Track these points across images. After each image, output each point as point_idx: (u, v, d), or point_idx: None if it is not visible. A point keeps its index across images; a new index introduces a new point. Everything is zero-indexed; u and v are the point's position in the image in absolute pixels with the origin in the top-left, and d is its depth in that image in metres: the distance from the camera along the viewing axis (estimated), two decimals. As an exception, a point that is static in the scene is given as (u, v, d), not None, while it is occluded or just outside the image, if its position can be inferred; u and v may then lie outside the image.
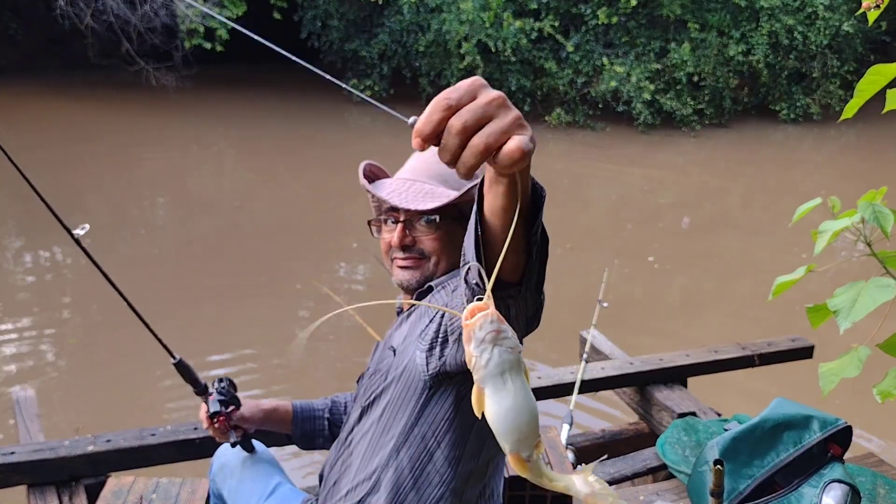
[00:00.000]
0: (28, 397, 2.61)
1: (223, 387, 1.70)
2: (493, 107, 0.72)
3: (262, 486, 1.73)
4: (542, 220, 0.95)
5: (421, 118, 0.72)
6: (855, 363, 1.36)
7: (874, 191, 1.37)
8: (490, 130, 0.71)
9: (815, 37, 11.34)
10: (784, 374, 3.49)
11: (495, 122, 0.72)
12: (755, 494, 2.11)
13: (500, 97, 0.73)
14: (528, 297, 1.04)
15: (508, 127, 0.72)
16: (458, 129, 0.70)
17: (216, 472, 1.87)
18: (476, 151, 0.71)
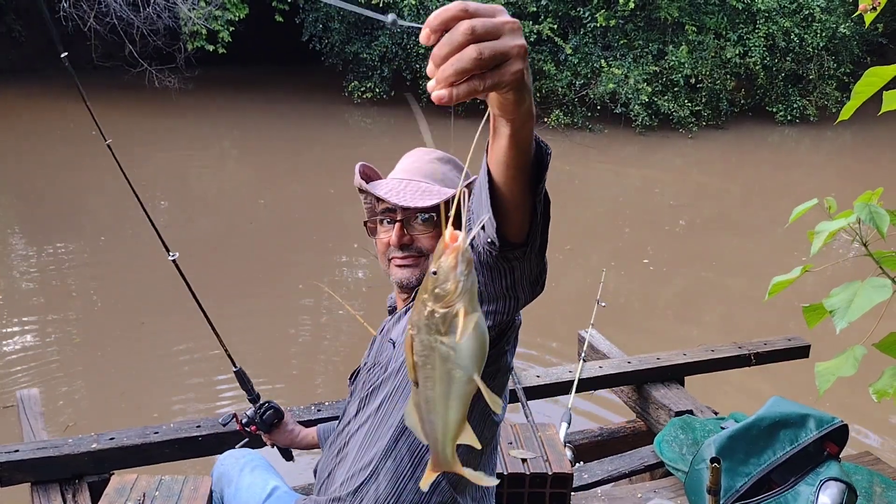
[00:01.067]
0: (32, 395, 2.63)
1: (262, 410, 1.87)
2: (506, 28, 0.71)
3: (258, 491, 1.76)
4: (545, 179, 0.94)
5: (436, 11, 0.70)
6: (851, 362, 1.37)
7: (870, 191, 1.39)
8: (491, 45, 0.69)
9: (812, 39, 11.38)
10: (780, 373, 3.51)
11: (501, 40, 0.70)
12: (752, 492, 2.12)
13: (515, 23, 0.71)
14: (532, 259, 1.05)
15: (509, 49, 0.70)
16: (464, 28, 0.68)
17: (216, 482, 1.90)
18: (467, 57, 0.68)
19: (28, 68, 12.94)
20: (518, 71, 0.72)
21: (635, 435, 2.87)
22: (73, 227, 6.67)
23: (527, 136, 0.85)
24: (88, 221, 6.98)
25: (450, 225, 0.75)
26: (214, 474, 1.92)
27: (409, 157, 1.56)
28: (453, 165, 1.54)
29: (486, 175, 0.93)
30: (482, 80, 0.70)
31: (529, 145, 0.87)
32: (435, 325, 0.74)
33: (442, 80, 0.69)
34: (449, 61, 0.69)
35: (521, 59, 0.72)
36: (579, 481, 2.36)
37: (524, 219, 0.98)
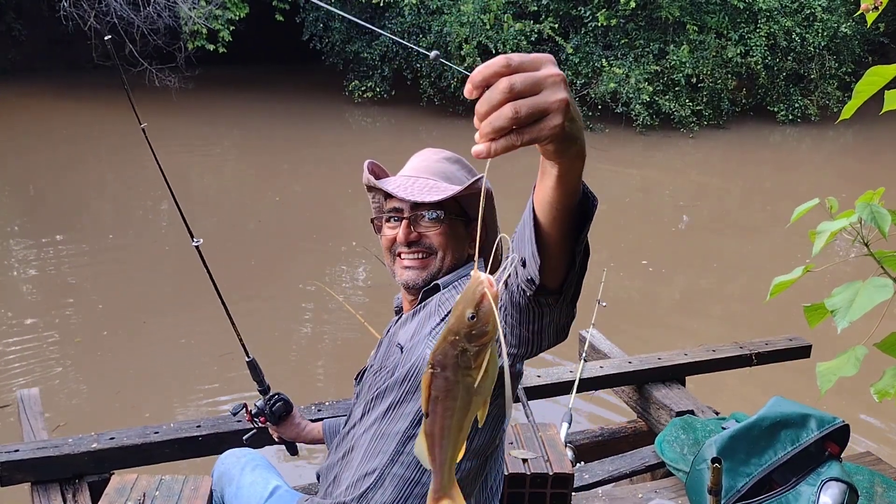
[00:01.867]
0: (32, 395, 2.62)
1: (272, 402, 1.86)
2: (548, 82, 0.71)
3: (259, 490, 1.76)
4: (588, 228, 0.95)
5: (481, 66, 0.71)
6: (852, 362, 1.37)
7: (872, 191, 1.39)
8: (529, 102, 0.69)
9: (814, 38, 11.37)
10: (782, 373, 3.51)
11: (541, 95, 0.70)
12: (753, 492, 2.12)
13: (559, 75, 0.71)
14: (564, 308, 1.06)
15: (548, 106, 0.70)
16: (503, 87, 0.69)
17: (217, 480, 1.90)
18: (504, 116, 0.69)
19: (28, 67, 12.95)
20: (556, 126, 0.72)
21: (636, 435, 2.86)
22: (74, 227, 6.67)
23: (574, 180, 0.85)
24: (89, 220, 6.99)
25: (487, 270, 0.78)
26: (215, 474, 1.92)
27: (418, 156, 1.57)
28: (461, 165, 1.54)
29: (531, 212, 0.94)
30: (520, 136, 0.71)
31: (576, 188, 0.87)
32: (465, 362, 0.78)
33: (482, 136, 0.70)
34: (488, 119, 0.69)
35: (560, 114, 0.72)
36: (580, 481, 2.36)
37: (561, 265, 0.97)
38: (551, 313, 1.05)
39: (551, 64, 0.73)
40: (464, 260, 1.50)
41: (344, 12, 11.87)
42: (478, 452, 1.41)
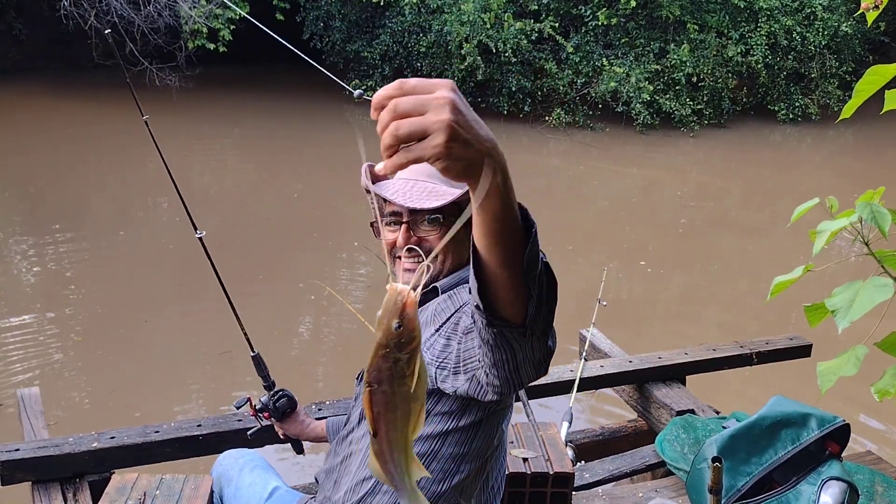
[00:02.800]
0: (32, 394, 2.63)
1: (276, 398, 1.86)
2: (434, 104, 0.73)
3: (259, 491, 1.76)
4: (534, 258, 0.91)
5: (381, 89, 0.75)
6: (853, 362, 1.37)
7: (872, 191, 1.39)
8: (408, 121, 0.73)
9: (814, 37, 11.36)
10: (782, 372, 3.51)
11: (423, 116, 0.73)
12: (753, 492, 2.12)
13: (446, 98, 0.74)
14: (535, 344, 1.01)
15: (428, 125, 0.73)
16: (390, 107, 0.73)
17: (216, 481, 1.90)
18: (388, 133, 0.73)
19: (29, 67, 12.94)
20: (437, 146, 0.73)
21: (637, 434, 2.86)
22: (75, 225, 6.67)
23: (494, 205, 0.84)
24: (90, 219, 6.99)
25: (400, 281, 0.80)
26: (214, 474, 1.92)
27: None
28: None
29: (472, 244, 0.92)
30: (406, 154, 0.74)
31: (501, 214, 0.85)
32: (400, 372, 0.80)
33: (381, 152, 0.74)
34: (381, 137, 0.74)
35: (441, 134, 0.73)
36: (580, 481, 2.36)
37: (514, 296, 0.93)
38: (522, 349, 1.01)
39: (445, 88, 0.75)
40: (466, 261, 1.47)
41: (344, 11, 11.89)
42: (474, 456, 1.40)
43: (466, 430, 1.38)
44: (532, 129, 11.08)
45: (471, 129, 0.76)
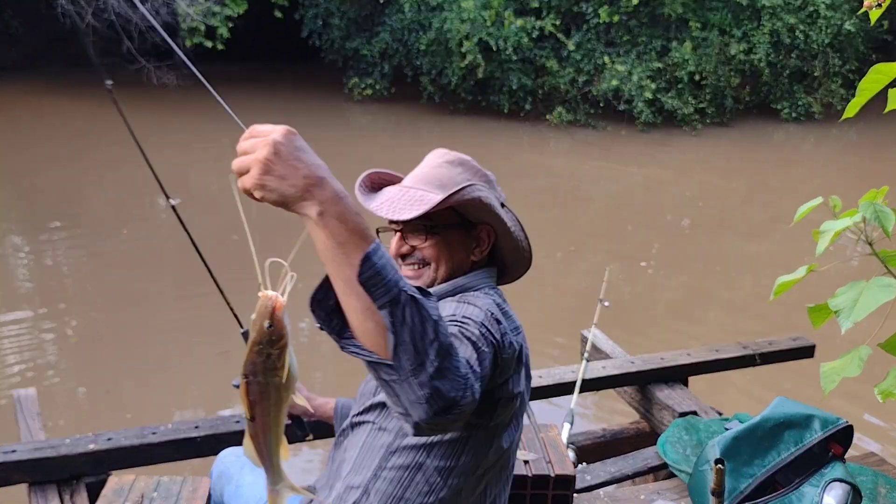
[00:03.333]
0: (29, 396, 2.61)
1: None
2: (259, 144, 0.96)
3: (260, 491, 1.74)
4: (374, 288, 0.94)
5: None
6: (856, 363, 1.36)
7: (875, 190, 1.37)
8: (239, 159, 0.97)
9: (817, 36, 11.33)
10: (785, 373, 3.49)
11: (250, 154, 0.96)
12: (756, 493, 2.11)
13: (266, 139, 0.95)
14: (411, 386, 0.95)
15: (249, 163, 0.96)
16: (238, 148, 0.96)
17: (216, 479, 1.88)
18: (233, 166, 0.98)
19: (27, 66, 12.94)
20: (252, 178, 0.95)
21: (638, 436, 2.85)
22: (72, 224, 6.66)
23: (319, 237, 0.96)
24: (87, 218, 6.98)
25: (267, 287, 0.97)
26: (214, 473, 1.90)
27: (426, 159, 1.53)
28: (465, 168, 1.48)
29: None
30: (240, 182, 0.97)
31: (327, 248, 0.96)
32: (272, 365, 0.94)
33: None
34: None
35: (256, 168, 0.95)
36: (582, 483, 2.34)
37: (364, 325, 0.96)
38: (401, 389, 0.96)
39: (276, 133, 0.95)
40: (466, 267, 1.46)
41: (343, 9, 11.87)
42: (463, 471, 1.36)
43: (452, 444, 1.34)
44: (533, 127, 11.06)
45: (287, 167, 0.94)
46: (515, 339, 1.33)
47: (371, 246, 0.96)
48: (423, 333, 0.96)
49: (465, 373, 1.01)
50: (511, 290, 1.58)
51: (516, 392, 1.36)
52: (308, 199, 0.95)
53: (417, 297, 0.96)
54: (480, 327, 1.23)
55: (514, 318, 1.41)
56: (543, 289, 5.53)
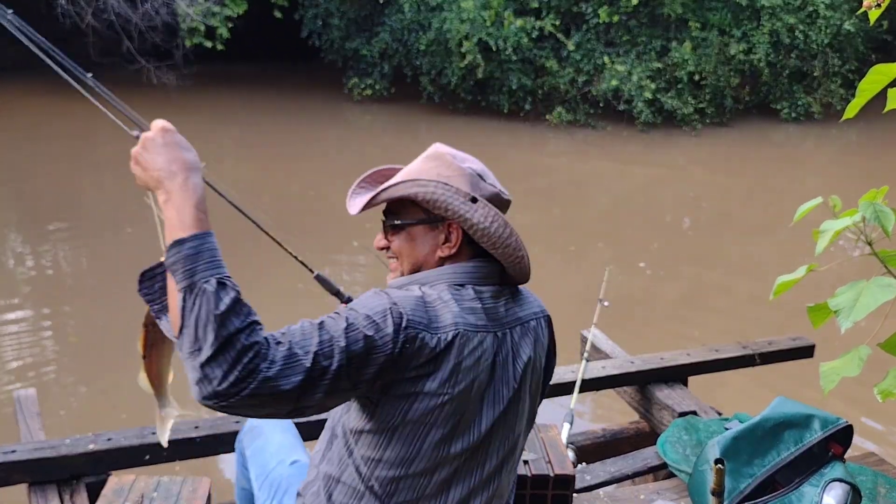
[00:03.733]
0: (29, 396, 2.62)
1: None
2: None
3: (286, 454, 1.76)
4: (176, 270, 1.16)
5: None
6: (856, 362, 1.36)
7: (875, 190, 1.37)
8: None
9: (817, 36, 11.33)
10: (785, 373, 3.49)
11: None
12: (756, 493, 2.11)
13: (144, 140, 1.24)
14: (188, 366, 1.13)
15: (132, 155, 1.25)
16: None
17: (245, 433, 1.89)
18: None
19: (27, 66, 12.93)
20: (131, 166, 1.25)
21: (638, 436, 2.85)
22: (72, 225, 6.66)
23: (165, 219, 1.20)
24: (87, 219, 6.98)
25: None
26: (246, 426, 1.92)
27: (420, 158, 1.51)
28: (439, 162, 1.43)
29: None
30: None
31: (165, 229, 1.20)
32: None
33: None
34: None
35: (132, 159, 1.25)
36: (582, 483, 2.34)
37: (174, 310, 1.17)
38: (186, 367, 1.13)
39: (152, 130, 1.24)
40: (433, 263, 1.42)
41: (343, 9, 11.87)
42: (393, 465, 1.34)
43: (377, 434, 1.31)
44: (533, 127, 11.06)
45: (149, 159, 1.22)
46: (435, 336, 1.26)
47: (188, 234, 1.16)
48: (205, 323, 1.09)
49: (255, 366, 1.10)
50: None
51: (426, 391, 1.27)
52: (159, 188, 1.21)
53: (211, 290, 1.12)
54: (364, 319, 1.24)
55: (455, 315, 1.30)
56: (543, 289, 5.50)
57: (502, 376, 1.38)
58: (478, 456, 1.37)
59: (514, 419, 1.42)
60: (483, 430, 1.36)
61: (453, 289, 1.36)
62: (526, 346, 1.42)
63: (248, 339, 1.12)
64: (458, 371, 1.29)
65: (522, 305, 1.46)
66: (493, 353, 1.35)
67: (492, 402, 1.36)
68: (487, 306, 1.37)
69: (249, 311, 1.17)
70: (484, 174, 1.44)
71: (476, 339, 1.32)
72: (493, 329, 1.36)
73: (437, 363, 1.28)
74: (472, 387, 1.32)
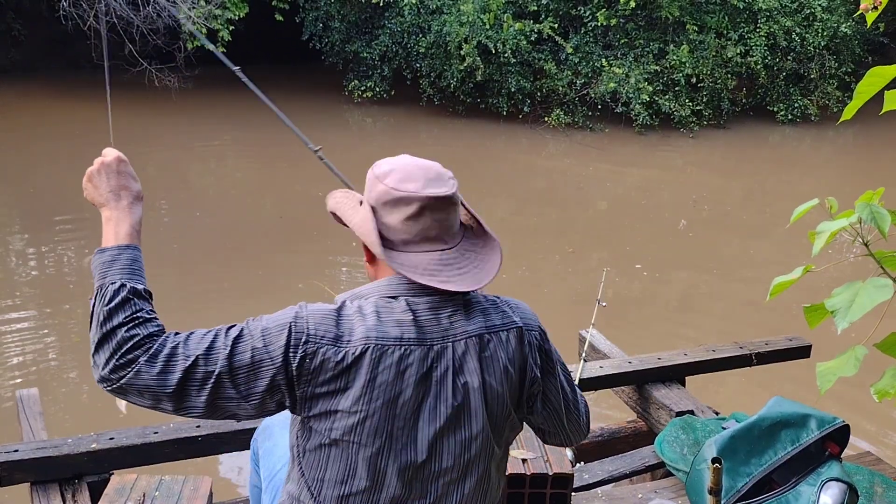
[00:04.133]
0: (31, 395, 2.62)
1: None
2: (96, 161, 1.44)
3: None
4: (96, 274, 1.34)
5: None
6: (852, 362, 1.37)
7: (871, 191, 1.39)
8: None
9: (813, 38, 11.37)
10: (782, 373, 3.51)
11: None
12: (753, 493, 2.12)
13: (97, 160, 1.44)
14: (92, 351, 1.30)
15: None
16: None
17: (260, 432, 1.90)
18: None
19: (29, 67, 12.94)
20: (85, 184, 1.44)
21: (636, 435, 2.86)
22: (73, 225, 6.67)
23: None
24: (88, 219, 6.98)
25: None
26: (261, 426, 1.93)
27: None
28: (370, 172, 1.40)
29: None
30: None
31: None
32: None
33: None
34: None
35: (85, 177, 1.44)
36: (580, 481, 2.36)
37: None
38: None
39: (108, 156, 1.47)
40: (373, 276, 1.42)
41: (344, 12, 11.88)
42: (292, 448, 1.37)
43: (316, 452, 1.31)
44: (531, 129, 11.08)
45: (99, 181, 1.42)
46: (342, 350, 1.24)
47: (110, 246, 1.36)
48: (97, 316, 1.27)
49: (133, 357, 1.24)
50: (510, 291, 1.58)
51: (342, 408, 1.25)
52: (105, 206, 1.40)
53: (110, 290, 1.29)
54: (259, 331, 1.27)
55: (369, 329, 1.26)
56: (541, 289, 5.54)
57: (439, 392, 1.29)
58: (425, 473, 1.31)
59: (466, 434, 1.31)
60: (423, 446, 1.29)
61: (384, 301, 1.30)
62: (472, 360, 1.31)
63: (129, 332, 1.25)
64: (374, 387, 1.24)
65: (476, 317, 1.34)
66: (424, 367, 1.28)
67: (429, 418, 1.28)
68: (422, 318, 1.29)
69: (140, 308, 1.29)
70: (409, 176, 1.33)
71: (397, 352, 1.26)
72: (427, 342, 1.28)
73: (349, 378, 1.24)
74: (395, 402, 1.26)
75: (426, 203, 1.30)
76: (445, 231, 1.34)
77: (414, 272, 1.30)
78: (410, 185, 1.31)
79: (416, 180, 1.32)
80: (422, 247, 1.32)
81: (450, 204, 1.33)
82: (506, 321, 1.36)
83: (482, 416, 1.32)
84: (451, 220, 1.35)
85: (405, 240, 1.32)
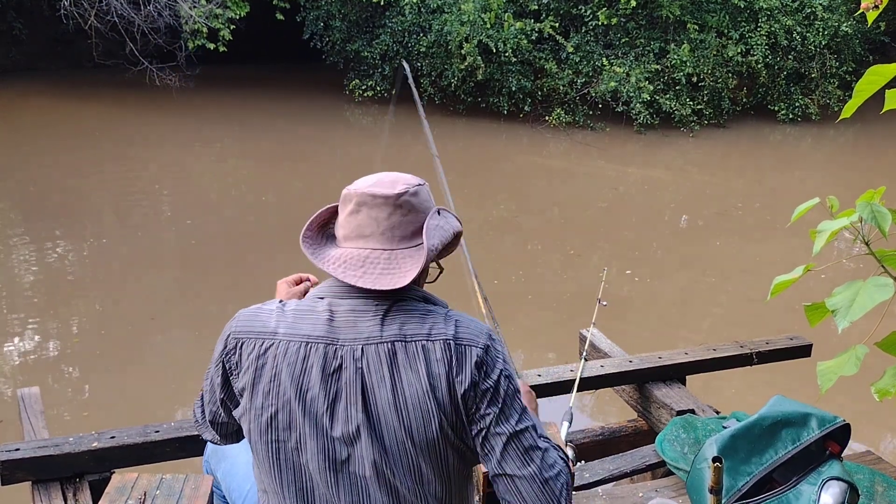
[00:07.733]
0: (32, 394, 2.62)
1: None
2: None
3: None
4: None
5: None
6: (853, 361, 1.37)
7: (872, 190, 1.39)
8: None
9: (814, 37, 11.36)
10: (782, 372, 3.51)
11: None
12: (753, 492, 2.12)
13: None
14: None
15: None
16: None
17: (209, 455, 1.91)
18: None
19: (30, 67, 12.94)
20: None
21: (637, 434, 2.86)
22: (75, 225, 6.67)
23: None
24: (90, 219, 6.99)
25: None
26: (207, 450, 1.95)
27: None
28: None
29: None
30: None
31: None
32: None
33: None
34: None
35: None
36: (580, 480, 2.36)
37: None
38: None
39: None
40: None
41: (344, 11, 11.88)
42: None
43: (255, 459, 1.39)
44: (532, 128, 11.08)
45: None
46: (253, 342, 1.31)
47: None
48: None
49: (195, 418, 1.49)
50: (510, 291, 1.58)
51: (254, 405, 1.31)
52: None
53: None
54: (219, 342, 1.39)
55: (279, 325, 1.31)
56: (542, 289, 5.54)
57: (349, 394, 1.27)
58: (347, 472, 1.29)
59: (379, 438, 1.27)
60: (341, 446, 1.27)
61: (311, 300, 1.36)
62: (381, 366, 1.27)
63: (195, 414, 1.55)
64: (280, 381, 1.27)
65: (395, 324, 1.29)
66: (331, 366, 1.27)
67: (341, 418, 1.27)
68: (339, 319, 1.30)
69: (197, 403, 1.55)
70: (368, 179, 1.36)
71: (302, 349, 1.28)
72: (336, 342, 1.28)
73: (262, 371, 1.29)
74: (303, 397, 1.26)
75: (362, 199, 1.32)
76: (383, 232, 1.32)
77: (327, 264, 1.34)
78: (360, 185, 1.35)
79: (369, 182, 1.35)
80: (354, 243, 1.34)
81: (390, 205, 1.31)
82: (433, 332, 1.29)
83: (392, 422, 1.27)
84: (394, 221, 1.32)
85: (346, 235, 1.36)
